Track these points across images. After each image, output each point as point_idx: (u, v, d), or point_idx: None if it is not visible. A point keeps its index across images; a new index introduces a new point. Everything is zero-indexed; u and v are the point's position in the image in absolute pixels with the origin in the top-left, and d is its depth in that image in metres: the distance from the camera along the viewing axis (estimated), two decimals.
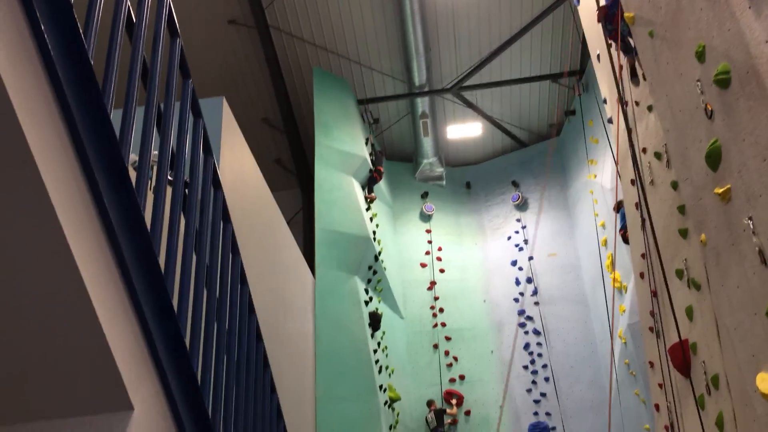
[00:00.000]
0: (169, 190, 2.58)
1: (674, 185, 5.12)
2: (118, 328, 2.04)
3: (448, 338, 12.29)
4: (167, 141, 2.51)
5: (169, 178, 2.51)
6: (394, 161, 14.40)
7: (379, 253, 11.40)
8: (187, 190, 2.64)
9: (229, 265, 2.94)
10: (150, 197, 2.38)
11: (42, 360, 2.03)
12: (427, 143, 13.52)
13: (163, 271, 2.28)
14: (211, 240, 2.73)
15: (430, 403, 11.19)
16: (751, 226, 2.88)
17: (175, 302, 2.37)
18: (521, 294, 12.49)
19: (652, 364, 5.97)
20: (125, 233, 2.11)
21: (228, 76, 12.60)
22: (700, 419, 4.20)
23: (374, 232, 11.47)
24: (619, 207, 7.83)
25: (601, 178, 10.83)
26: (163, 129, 2.52)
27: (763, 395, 2.82)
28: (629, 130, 6.33)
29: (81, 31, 1.92)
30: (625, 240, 7.52)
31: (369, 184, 12.01)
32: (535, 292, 12.43)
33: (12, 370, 2.04)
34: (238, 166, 6.91)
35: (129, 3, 2.31)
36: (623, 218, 7.54)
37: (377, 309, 10.91)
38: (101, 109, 2.02)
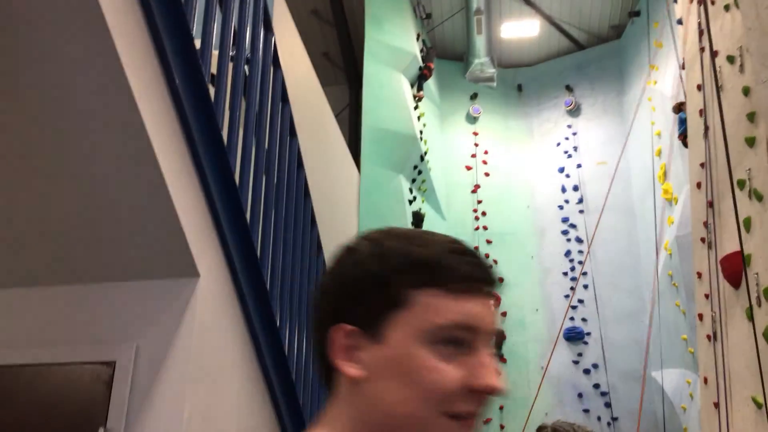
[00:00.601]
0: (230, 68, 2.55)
1: (746, 91, 4.85)
2: (186, 200, 2.09)
3: (489, 241, 12.36)
4: (228, 14, 2.45)
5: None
6: (444, 60, 13.95)
7: (425, 153, 11.32)
8: (248, 67, 2.60)
9: (287, 146, 2.95)
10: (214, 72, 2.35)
11: (116, 226, 2.10)
12: (480, 42, 13.00)
13: (225, 145, 2.29)
14: (270, 118, 2.72)
15: None
16: None
17: (237, 178, 2.40)
18: (566, 201, 12.36)
19: (699, 275, 5.91)
20: (192, 105, 2.11)
21: None
22: (754, 328, 4.18)
23: (421, 132, 11.34)
24: (678, 109, 7.51)
25: (661, 84, 10.35)
26: (224, 2, 2.46)
27: None
28: (701, 31, 5.96)
29: None
30: (686, 144, 7.27)
31: (418, 82, 11.73)
32: (581, 201, 12.27)
33: (87, 234, 2.13)
34: (288, 55, 6.80)
35: None
36: (682, 122, 7.25)
37: (420, 209, 10.96)
38: None
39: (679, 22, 7.33)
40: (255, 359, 2.48)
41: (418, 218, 10.66)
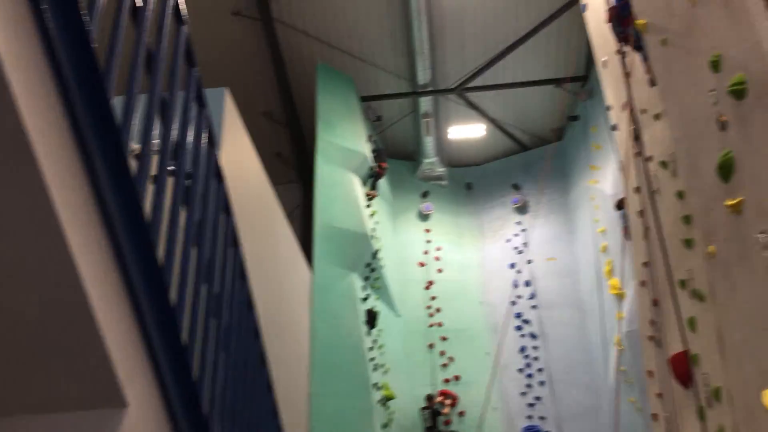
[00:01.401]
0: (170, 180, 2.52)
1: (680, 195, 5.06)
2: (113, 321, 1.98)
3: (443, 338, 12.25)
4: (169, 129, 2.44)
5: (171, 168, 2.45)
6: (395, 159, 14.34)
7: (378, 250, 11.35)
8: (188, 182, 2.58)
9: (229, 258, 2.88)
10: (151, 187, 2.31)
11: (33, 352, 1.96)
12: (429, 143, 13.46)
13: (161, 263, 2.22)
14: (212, 232, 2.67)
15: (429, 398, 11.18)
16: (763, 241, 2.83)
17: (173, 295, 2.31)
18: (519, 297, 12.45)
19: (650, 374, 5.92)
20: (123, 223, 2.05)
21: (231, 68, 12.51)
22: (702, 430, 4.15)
23: (373, 230, 11.42)
24: (620, 206, 7.77)
25: (602, 184, 10.79)
26: (165, 117, 2.46)
27: None
28: (635, 138, 6.28)
29: (82, 11, 1.86)
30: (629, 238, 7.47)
31: (372, 180, 11.96)
32: (532, 296, 12.38)
33: (1, 362, 1.98)
34: (238, 158, 6.84)
35: None
36: (624, 218, 7.50)
37: (374, 306, 10.86)
38: (102, 93, 1.95)
39: (614, 128, 7.72)
40: None
41: (371, 316, 10.54)
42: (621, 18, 5.86)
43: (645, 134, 6.02)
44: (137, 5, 2.32)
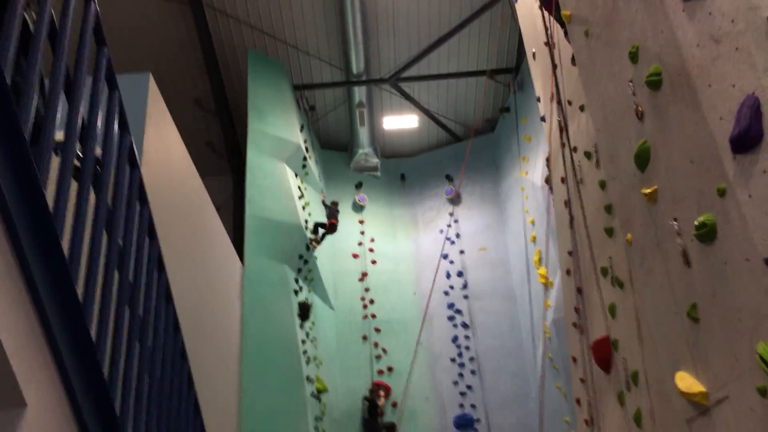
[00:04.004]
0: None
1: (602, 184, 5.21)
2: (10, 314, 1.84)
3: (377, 330, 12.27)
4: (75, 111, 2.30)
5: (79, 153, 2.31)
6: (329, 150, 14.23)
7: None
8: (99, 167, 2.43)
9: (144, 249, 2.75)
10: (54, 171, 2.17)
11: None
12: (363, 133, 13.42)
13: (67, 254, 2.09)
14: (125, 222, 2.53)
15: (373, 389, 11.20)
16: (676, 227, 2.92)
17: (80, 289, 2.18)
18: (451, 287, 12.60)
19: (575, 359, 6.09)
20: (22, 213, 1.91)
21: (159, 53, 12.09)
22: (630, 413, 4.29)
23: (306, 221, 11.30)
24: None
25: (532, 175, 11.02)
26: (70, 98, 2.31)
27: (681, 393, 2.87)
28: (561, 129, 6.43)
29: None
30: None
31: (323, 233, 11.55)
32: (465, 286, 12.56)
33: None
34: (163, 147, 6.60)
35: None
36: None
37: (307, 299, 10.76)
38: None
39: (542, 119, 7.89)
40: None
41: (304, 308, 10.44)
42: None
43: (571, 125, 6.16)
44: None
